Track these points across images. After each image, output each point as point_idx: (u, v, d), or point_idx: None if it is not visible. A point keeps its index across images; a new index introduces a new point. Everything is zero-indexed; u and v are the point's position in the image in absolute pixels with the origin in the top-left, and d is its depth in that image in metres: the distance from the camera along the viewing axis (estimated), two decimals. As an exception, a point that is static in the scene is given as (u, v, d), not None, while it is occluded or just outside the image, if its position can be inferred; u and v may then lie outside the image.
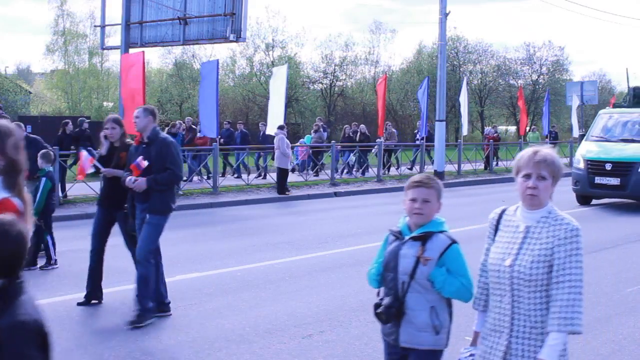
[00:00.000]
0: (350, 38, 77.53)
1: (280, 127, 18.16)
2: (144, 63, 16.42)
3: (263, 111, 41.94)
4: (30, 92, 45.01)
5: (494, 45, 79.19)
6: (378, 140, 23.71)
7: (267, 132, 20.46)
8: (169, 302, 6.78)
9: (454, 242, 3.52)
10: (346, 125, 27.31)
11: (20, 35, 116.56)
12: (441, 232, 3.51)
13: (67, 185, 15.53)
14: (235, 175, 21.05)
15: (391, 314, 3.46)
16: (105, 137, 7.27)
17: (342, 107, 48.43)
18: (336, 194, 18.27)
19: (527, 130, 36.57)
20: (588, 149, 16.20)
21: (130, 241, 7.09)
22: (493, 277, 3.24)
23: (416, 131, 27.76)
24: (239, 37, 19.42)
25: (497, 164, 27.36)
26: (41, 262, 9.10)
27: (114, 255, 9.70)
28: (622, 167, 15.10)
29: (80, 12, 55.14)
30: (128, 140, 7.26)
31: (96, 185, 16.24)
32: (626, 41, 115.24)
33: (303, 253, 9.97)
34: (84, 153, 7.48)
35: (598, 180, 15.35)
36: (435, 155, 22.75)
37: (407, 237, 3.49)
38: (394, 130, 25.86)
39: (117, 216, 7.16)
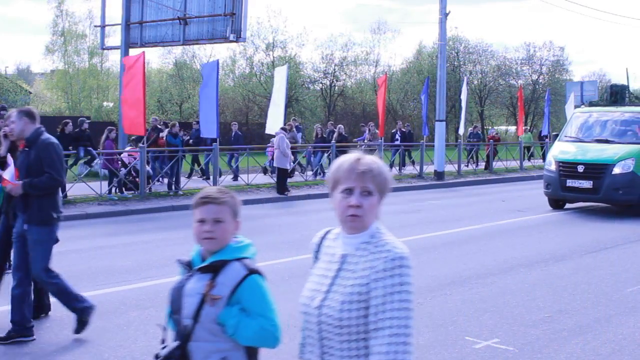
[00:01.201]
0: (350, 38, 77.67)
1: (284, 129, 18.18)
2: (144, 63, 16.42)
3: (263, 111, 41.95)
4: (30, 92, 45.02)
5: (494, 45, 79.42)
6: (379, 140, 23.67)
7: (267, 132, 20.46)
8: (33, 326, 6.07)
9: (252, 272, 2.76)
10: (317, 125, 26.19)
11: (20, 35, 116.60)
12: (239, 259, 2.78)
13: (67, 186, 15.52)
14: (204, 177, 19.93)
15: None
16: (5, 135, 6.76)
17: (342, 107, 48.45)
18: (336, 194, 18.25)
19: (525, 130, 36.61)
20: (560, 150, 15.23)
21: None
22: (304, 321, 2.52)
23: (394, 131, 27.43)
24: (239, 37, 19.45)
25: (477, 166, 26.95)
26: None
27: (114, 255, 9.72)
28: (594, 170, 14.14)
29: (79, 12, 55.16)
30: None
31: (96, 186, 16.26)
32: (626, 41, 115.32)
33: (303, 253, 9.95)
34: None
35: (570, 183, 14.39)
36: (435, 155, 22.76)
37: (195, 269, 2.78)
38: (377, 131, 24.52)
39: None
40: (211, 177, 18.88)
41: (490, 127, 50.68)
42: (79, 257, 9.58)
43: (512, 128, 55.03)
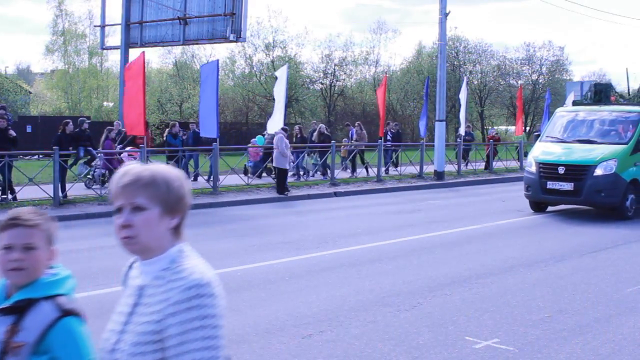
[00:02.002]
0: (350, 38, 77.75)
1: (284, 129, 18.17)
2: (144, 63, 16.42)
3: (263, 111, 42.03)
4: (30, 92, 45.02)
5: (494, 45, 79.47)
6: (379, 140, 23.67)
7: (268, 132, 20.44)
8: None
9: (66, 313, 2.25)
10: (296, 125, 25.42)
11: (20, 35, 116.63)
12: (51, 297, 2.25)
13: (67, 185, 15.52)
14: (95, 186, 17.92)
15: None
16: None
17: (342, 107, 48.48)
18: (336, 194, 18.27)
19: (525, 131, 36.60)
20: (541, 151, 14.57)
21: None
22: None
23: (385, 131, 25.79)
24: (239, 37, 19.46)
25: (467, 167, 25.83)
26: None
27: (114, 256, 9.72)
28: (576, 171, 13.58)
29: (78, 12, 55.16)
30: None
31: (96, 186, 16.28)
32: (626, 41, 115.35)
33: (303, 253, 9.97)
34: None
35: (550, 185, 13.80)
36: (435, 155, 22.76)
37: None
38: (364, 131, 23.99)
39: None
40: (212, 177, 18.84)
41: (490, 127, 50.68)
42: (79, 257, 9.58)
43: (512, 128, 55.08)
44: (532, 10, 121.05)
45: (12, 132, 15.01)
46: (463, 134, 26.18)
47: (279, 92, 20.26)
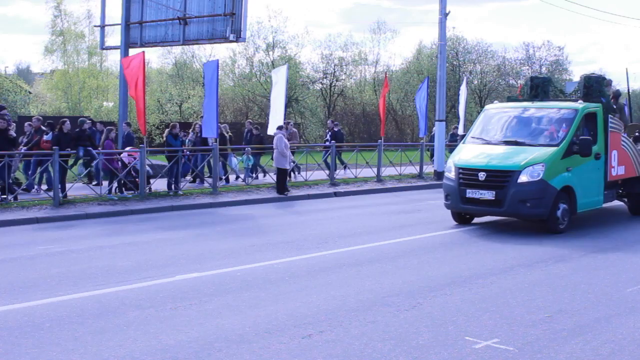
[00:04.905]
0: (349, 38, 77.77)
1: (280, 128, 18.15)
2: (144, 63, 16.42)
3: (263, 111, 42.01)
4: (30, 92, 44.99)
5: (493, 45, 79.44)
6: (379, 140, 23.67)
7: (268, 133, 20.42)
8: None
9: None
10: (248, 121, 23.91)
11: (20, 35, 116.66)
12: None
13: (67, 186, 15.52)
14: (94, 183, 17.55)
15: None
16: None
17: (342, 107, 48.49)
18: (336, 194, 18.28)
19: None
20: (462, 154, 12.67)
21: None
22: None
23: (327, 131, 24.21)
24: (239, 37, 19.43)
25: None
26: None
27: (114, 255, 9.72)
28: (498, 177, 11.76)
29: (77, 12, 55.23)
30: None
31: (96, 186, 16.28)
32: (626, 41, 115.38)
33: (303, 253, 9.97)
34: None
35: (470, 194, 12.02)
36: (435, 155, 22.77)
37: None
38: (294, 130, 22.25)
39: None
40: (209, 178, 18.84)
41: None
42: (79, 257, 9.59)
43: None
44: (532, 10, 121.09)
45: (12, 133, 15.03)
46: (461, 132, 26.18)
47: (278, 94, 20.23)
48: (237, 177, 19.85)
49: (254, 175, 20.67)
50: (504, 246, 10.64)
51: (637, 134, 15.04)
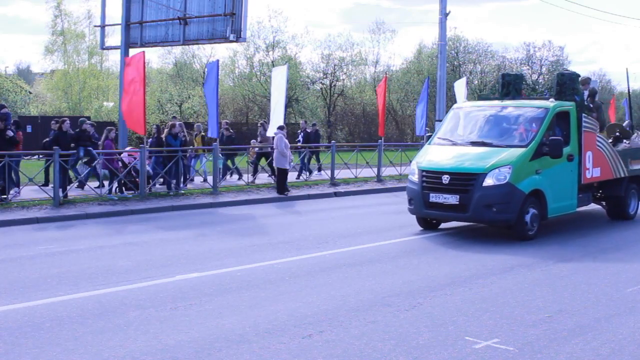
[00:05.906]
0: (349, 38, 77.76)
1: (280, 128, 18.15)
2: (144, 63, 16.42)
3: (263, 111, 42.02)
4: (30, 92, 45.00)
5: (493, 45, 79.44)
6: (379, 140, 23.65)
7: (268, 134, 20.43)
8: None
9: None
10: (225, 121, 22.95)
11: (20, 35, 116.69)
12: None
13: (67, 186, 15.51)
14: (96, 186, 16.78)
15: None
16: None
17: (342, 107, 48.50)
18: (336, 194, 18.28)
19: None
20: (426, 156, 12.03)
21: None
22: None
23: (299, 131, 24.05)
24: (239, 37, 19.43)
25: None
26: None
27: (114, 255, 9.73)
28: (462, 181, 11.07)
29: (77, 12, 55.25)
30: None
31: (96, 186, 16.26)
32: (626, 41, 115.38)
33: (303, 253, 9.97)
34: None
35: (433, 198, 11.33)
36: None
37: None
38: (267, 130, 21.09)
39: None
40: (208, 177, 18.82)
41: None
42: (79, 257, 9.59)
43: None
44: (532, 10, 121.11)
45: (10, 133, 14.96)
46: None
47: (277, 93, 20.22)
48: (204, 180, 18.84)
49: (225, 177, 19.71)
50: (503, 246, 10.63)
51: (617, 134, 14.35)
